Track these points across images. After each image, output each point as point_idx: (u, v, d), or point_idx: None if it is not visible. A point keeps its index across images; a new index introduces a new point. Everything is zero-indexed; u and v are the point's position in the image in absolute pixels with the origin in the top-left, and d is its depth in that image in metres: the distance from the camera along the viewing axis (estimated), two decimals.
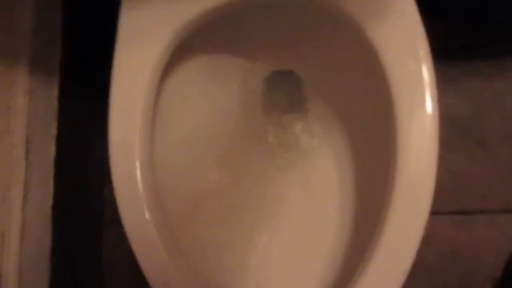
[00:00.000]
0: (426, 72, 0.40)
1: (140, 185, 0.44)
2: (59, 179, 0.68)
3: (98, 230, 0.81)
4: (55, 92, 0.68)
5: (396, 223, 0.38)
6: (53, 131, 0.68)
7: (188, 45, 0.50)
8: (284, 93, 0.59)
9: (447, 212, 0.70)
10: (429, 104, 0.39)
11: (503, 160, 0.69)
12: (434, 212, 0.69)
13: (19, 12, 0.62)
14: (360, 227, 0.47)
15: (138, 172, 0.44)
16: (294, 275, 0.50)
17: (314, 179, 0.54)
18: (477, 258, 0.68)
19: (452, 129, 0.72)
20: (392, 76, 0.39)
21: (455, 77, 0.73)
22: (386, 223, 0.38)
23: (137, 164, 0.44)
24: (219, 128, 0.56)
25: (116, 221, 0.81)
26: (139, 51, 0.47)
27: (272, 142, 0.57)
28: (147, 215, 0.44)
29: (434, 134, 0.39)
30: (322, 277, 0.47)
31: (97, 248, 0.80)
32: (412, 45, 0.41)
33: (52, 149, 0.67)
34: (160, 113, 0.49)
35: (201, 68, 0.55)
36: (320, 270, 0.47)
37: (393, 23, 0.42)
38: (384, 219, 0.38)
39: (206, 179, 0.54)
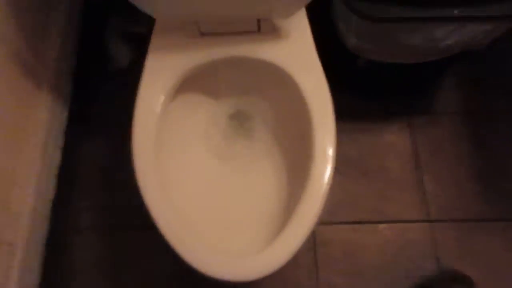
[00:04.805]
0: (329, 102, 0.68)
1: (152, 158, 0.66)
2: (58, 182, 0.86)
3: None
4: (66, 113, 0.90)
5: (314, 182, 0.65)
6: (61, 143, 0.87)
7: (183, 85, 0.77)
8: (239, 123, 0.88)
9: (343, 222, 1.01)
10: (330, 115, 0.68)
11: (376, 185, 1.04)
12: (336, 222, 1.00)
13: (45, 49, 0.86)
14: (290, 190, 0.74)
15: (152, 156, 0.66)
16: (248, 214, 0.74)
17: (255, 172, 0.82)
18: (365, 254, 0.97)
19: (346, 163, 1.06)
20: (309, 100, 0.69)
21: (350, 131, 1.10)
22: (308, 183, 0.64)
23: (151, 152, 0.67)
24: (198, 139, 0.83)
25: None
26: (157, 83, 0.71)
27: (229, 152, 0.85)
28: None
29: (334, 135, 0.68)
30: (267, 210, 0.72)
31: None
32: (319, 81, 0.69)
33: (58, 155, 0.86)
34: (164, 127, 0.72)
35: (187, 101, 0.82)
36: (265, 206, 0.73)
37: (307, 68, 0.70)
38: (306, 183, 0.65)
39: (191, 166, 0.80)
